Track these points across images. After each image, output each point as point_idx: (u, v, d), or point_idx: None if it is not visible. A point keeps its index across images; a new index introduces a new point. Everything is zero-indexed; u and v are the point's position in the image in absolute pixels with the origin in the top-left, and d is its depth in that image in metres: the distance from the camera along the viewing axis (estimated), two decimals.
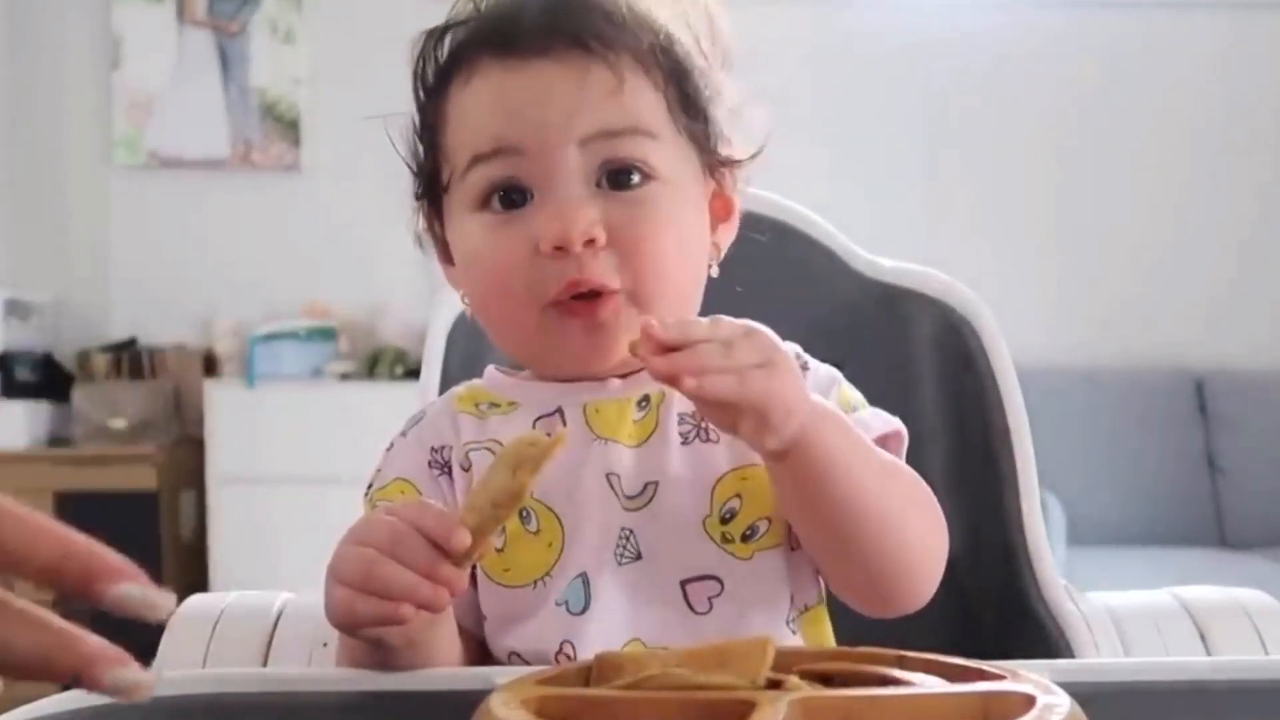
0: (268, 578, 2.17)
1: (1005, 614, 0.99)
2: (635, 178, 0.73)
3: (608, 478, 0.73)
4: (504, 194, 0.73)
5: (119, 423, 3.16)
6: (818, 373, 0.78)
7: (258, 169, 3.43)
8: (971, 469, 1.02)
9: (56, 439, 3.21)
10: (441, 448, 0.77)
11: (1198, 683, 0.59)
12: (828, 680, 0.50)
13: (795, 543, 0.74)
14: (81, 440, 3.16)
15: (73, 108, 3.43)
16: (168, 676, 0.57)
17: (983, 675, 0.49)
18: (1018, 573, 0.98)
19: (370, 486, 0.78)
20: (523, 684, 0.49)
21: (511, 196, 0.73)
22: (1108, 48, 3.45)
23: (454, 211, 0.76)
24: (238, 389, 3.17)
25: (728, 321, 0.64)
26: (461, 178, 0.74)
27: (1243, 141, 3.49)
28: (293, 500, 3.01)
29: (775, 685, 0.48)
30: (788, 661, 0.50)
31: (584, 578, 0.72)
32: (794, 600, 0.75)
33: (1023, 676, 0.48)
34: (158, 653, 0.88)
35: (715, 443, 0.73)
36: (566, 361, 0.75)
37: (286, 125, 3.42)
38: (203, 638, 0.89)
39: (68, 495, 2.96)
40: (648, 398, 0.75)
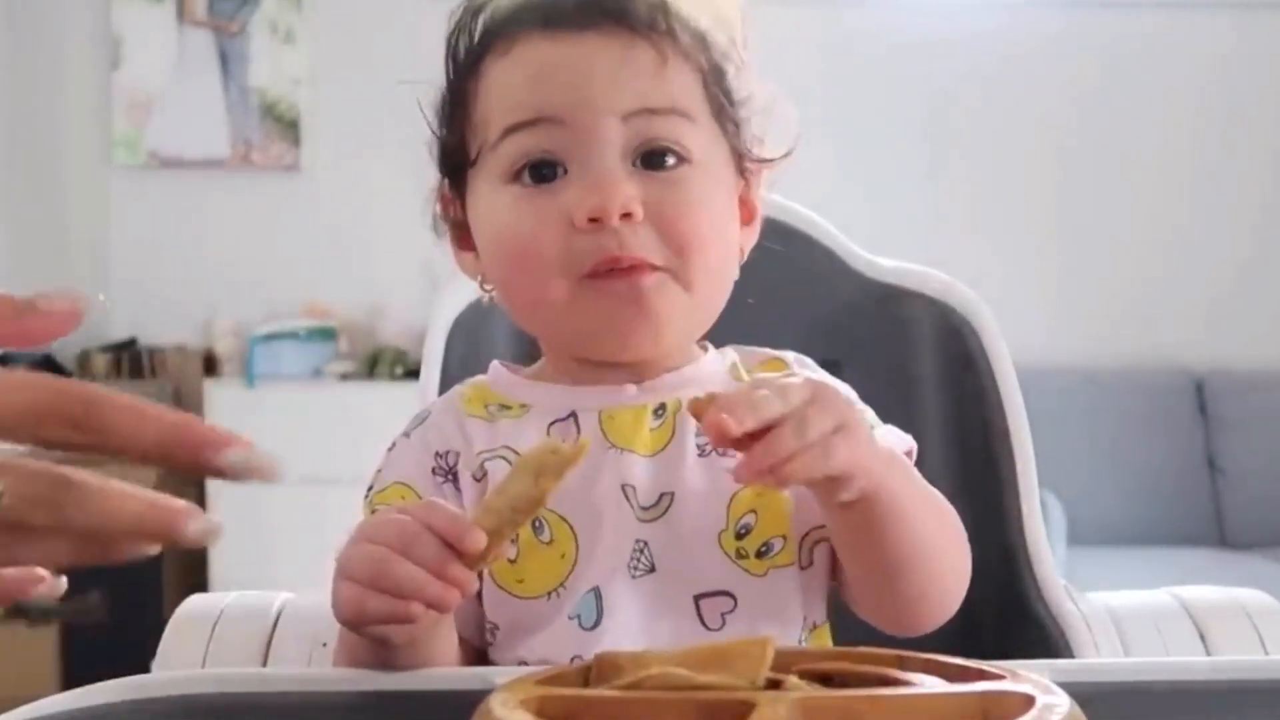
0: (267, 578, 2.16)
1: (1005, 614, 0.99)
2: (670, 160, 0.72)
3: (623, 489, 0.72)
4: (534, 168, 0.71)
5: None
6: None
7: (258, 169, 3.42)
8: (971, 469, 1.02)
9: None
10: (446, 453, 0.75)
11: (1198, 683, 0.59)
12: (827, 680, 0.50)
13: (806, 561, 0.73)
14: None
15: (73, 108, 3.43)
16: (168, 677, 0.57)
17: (982, 675, 0.49)
18: (1018, 573, 0.98)
19: (370, 488, 0.77)
20: (522, 684, 0.49)
21: (542, 171, 0.71)
22: (1108, 48, 3.45)
23: (480, 185, 0.74)
24: (238, 389, 3.17)
25: (794, 384, 0.61)
26: (493, 148, 0.72)
27: (1243, 142, 3.49)
28: (292, 500, 3.00)
29: (775, 685, 0.48)
30: (787, 661, 0.50)
31: (596, 591, 0.71)
32: (805, 618, 0.74)
33: (1022, 676, 0.48)
34: (158, 653, 0.88)
35: (732, 457, 0.73)
36: (605, 337, 0.72)
37: (286, 125, 3.42)
38: (203, 638, 0.89)
39: None
40: (664, 405, 0.74)
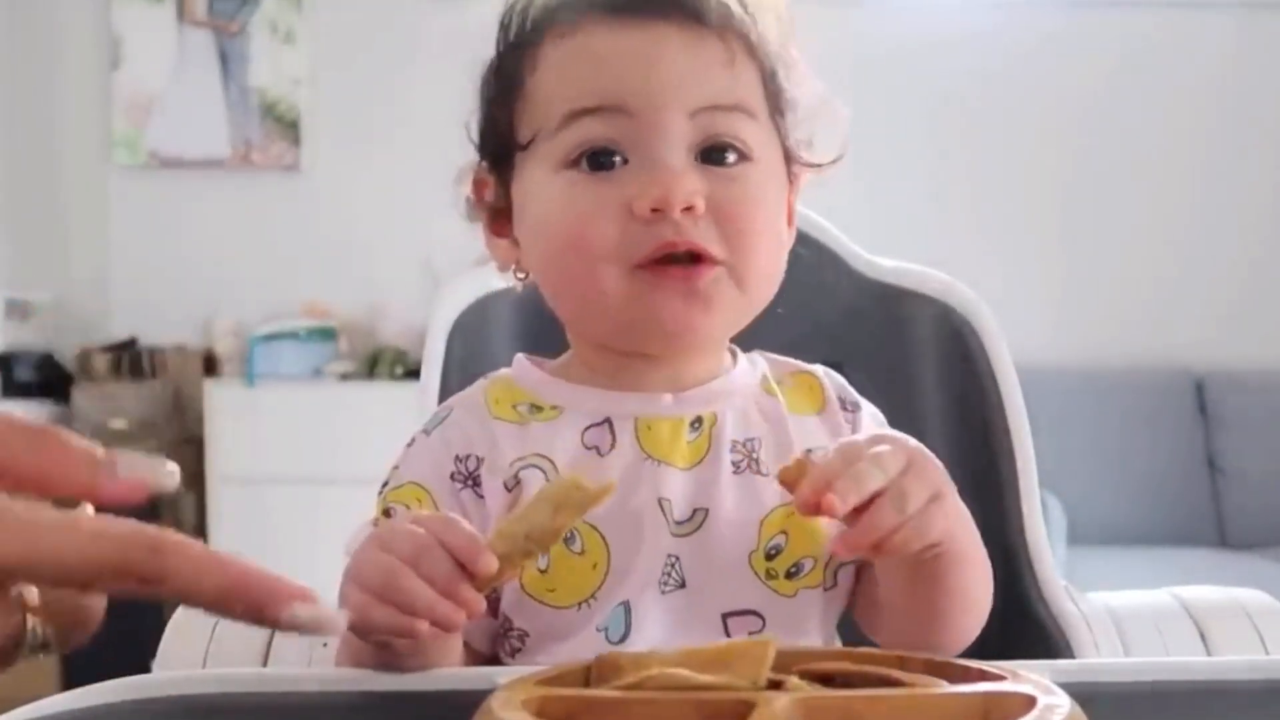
0: None
1: (1005, 614, 0.98)
2: (731, 156, 0.71)
3: (659, 502, 0.71)
4: (592, 155, 0.70)
5: (119, 423, 3.16)
6: (865, 412, 0.78)
7: (257, 169, 3.43)
8: (971, 469, 1.02)
9: None
10: (467, 457, 0.73)
11: (1198, 683, 0.59)
12: (828, 680, 0.50)
13: (830, 583, 0.73)
14: None
15: (73, 108, 3.43)
16: (168, 677, 0.57)
17: (983, 676, 0.49)
18: (1018, 573, 0.98)
19: (385, 484, 0.75)
20: (523, 684, 0.49)
21: (600, 159, 0.70)
22: (1112, 48, 3.44)
23: (532, 170, 0.73)
24: (238, 389, 3.17)
25: (889, 453, 0.61)
26: (552, 134, 0.71)
27: (1246, 142, 3.48)
28: (293, 500, 3.00)
29: (775, 685, 0.48)
30: (788, 661, 0.50)
31: (626, 605, 0.70)
32: (826, 640, 0.74)
33: (1023, 677, 0.48)
34: (158, 653, 0.88)
35: (765, 476, 0.72)
36: (655, 329, 0.71)
37: (286, 125, 3.42)
38: (203, 638, 0.88)
39: None
40: (700, 419, 0.73)
